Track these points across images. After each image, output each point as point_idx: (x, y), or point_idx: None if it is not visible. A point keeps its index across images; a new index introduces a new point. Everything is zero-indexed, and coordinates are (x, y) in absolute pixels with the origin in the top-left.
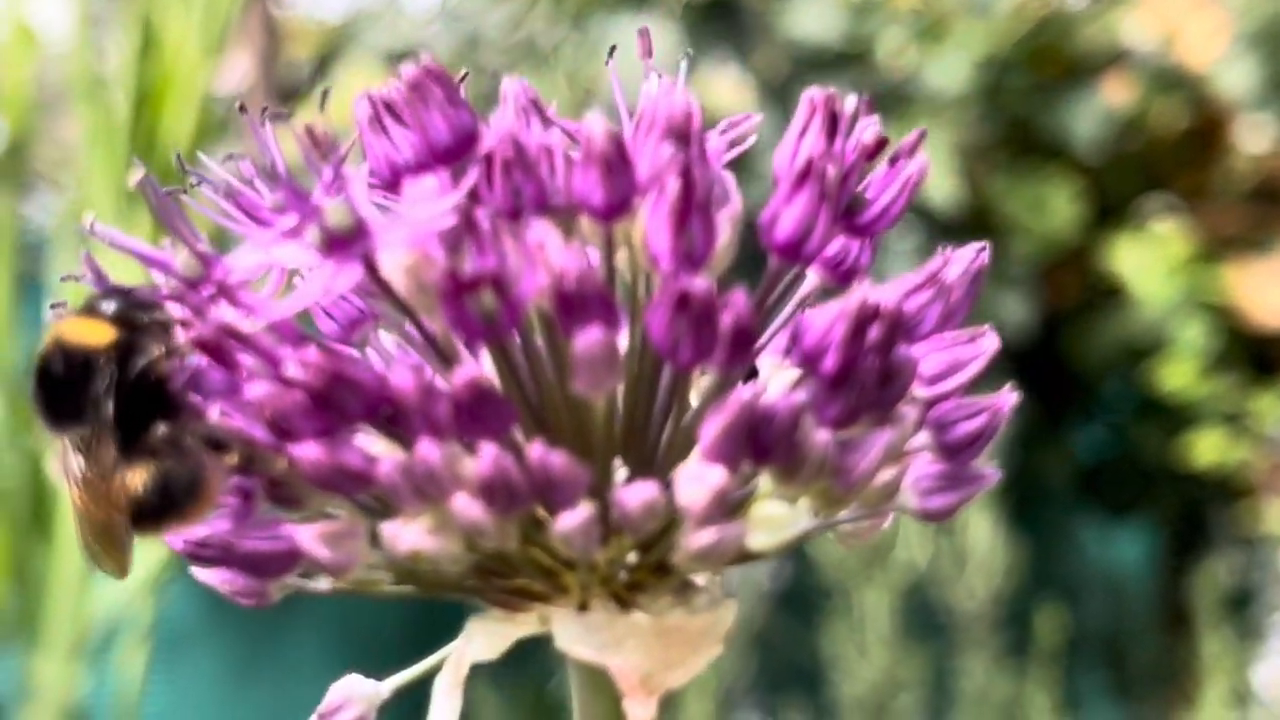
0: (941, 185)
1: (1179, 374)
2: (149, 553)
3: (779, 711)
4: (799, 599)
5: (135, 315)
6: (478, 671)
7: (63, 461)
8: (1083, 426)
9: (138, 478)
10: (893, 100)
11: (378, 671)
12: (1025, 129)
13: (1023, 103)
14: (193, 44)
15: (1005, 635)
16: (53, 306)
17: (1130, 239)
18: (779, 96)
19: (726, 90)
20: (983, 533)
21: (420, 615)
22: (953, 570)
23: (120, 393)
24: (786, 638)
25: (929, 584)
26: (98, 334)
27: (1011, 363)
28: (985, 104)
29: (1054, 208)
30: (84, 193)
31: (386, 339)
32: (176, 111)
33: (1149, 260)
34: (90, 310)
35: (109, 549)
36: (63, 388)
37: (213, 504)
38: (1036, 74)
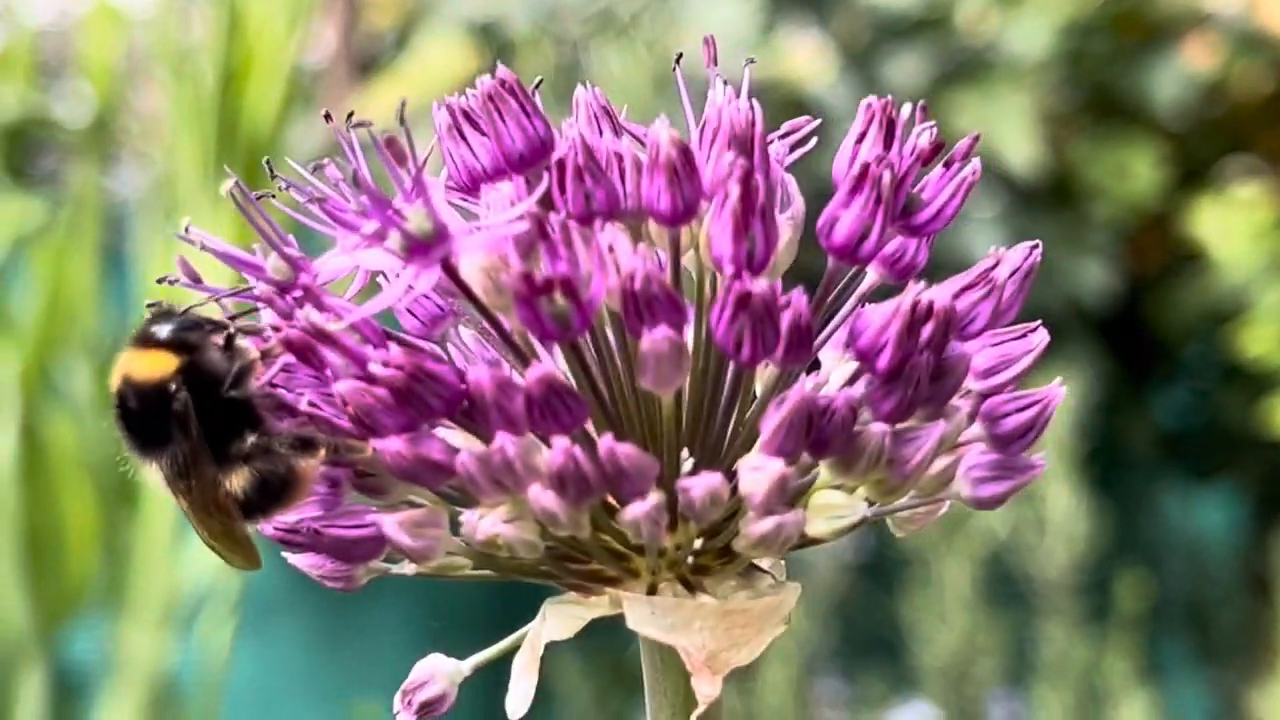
0: (1023, 152)
1: (1261, 339)
2: None
3: (859, 679)
4: (880, 569)
5: (189, 336)
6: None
7: (167, 483)
8: (1165, 392)
9: (237, 483)
10: (973, 67)
11: (459, 641)
12: (1107, 94)
13: (1104, 67)
14: (277, 19)
15: (1086, 602)
16: (148, 306)
17: (1213, 204)
18: (859, 64)
19: (806, 58)
20: (1063, 500)
21: (502, 588)
22: (1033, 538)
23: (200, 412)
24: (867, 607)
25: (1009, 552)
26: (161, 364)
27: (1094, 329)
28: (1066, 69)
29: (1136, 173)
30: (170, 168)
31: (466, 334)
32: (262, 86)
33: (1231, 225)
34: (146, 340)
35: (233, 548)
36: (143, 420)
37: (308, 490)
38: (1118, 38)
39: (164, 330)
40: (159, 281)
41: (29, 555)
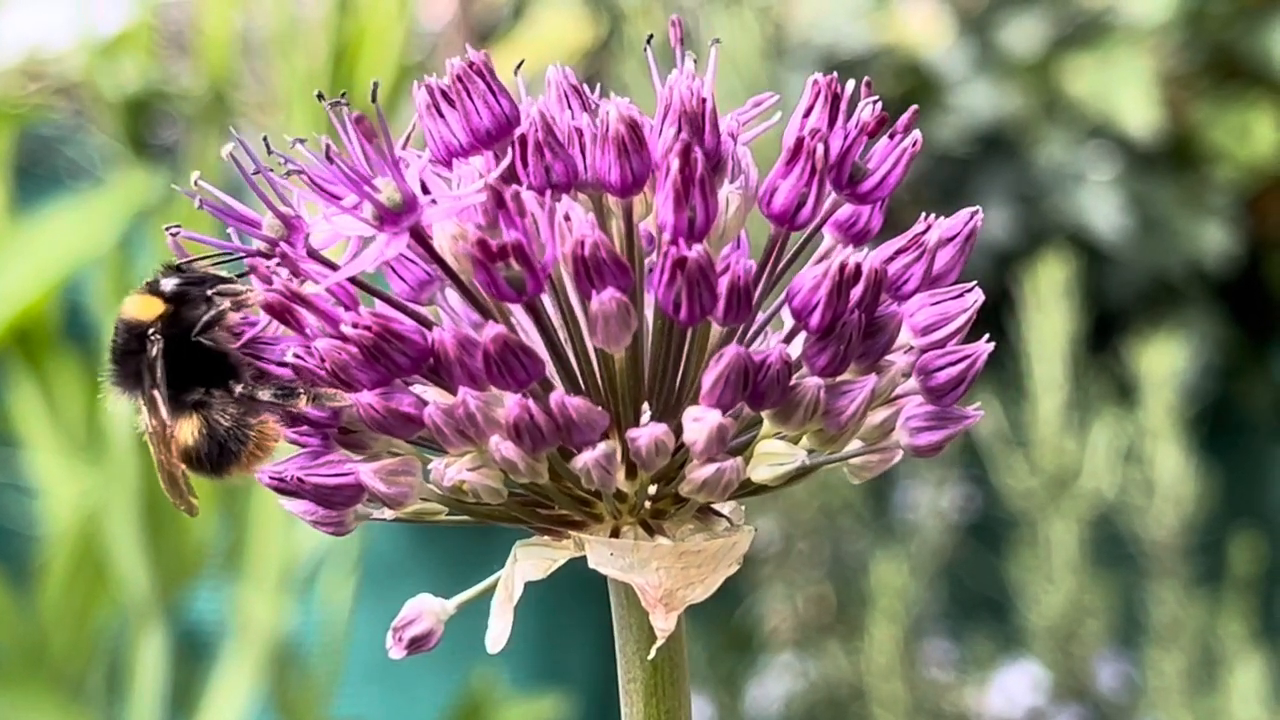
0: (1141, 115)
1: None
2: None
3: (967, 640)
4: (986, 529)
5: (188, 290)
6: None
7: (141, 418)
8: None
9: (187, 430)
10: (1091, 30)
11: (575, 603)
12: (1227, 56)
13: (1224, 29)
14: None
15: (1198, 564)
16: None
17: None
18: (976, 28)
19: (922, 23)
20: (1171, 462)
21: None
22: (1141, 499)
23: (169, 358)
24: (974, 568)
25: (1117, 513)
26: (150, 308)
27: (1213, 293)
28: (1186, 31)
29: (1257, 135)
30: (283, 143)
31: (454, 298)
32: (373, 62)
33: None
34: (150, 287)
35: (174, 491)
36: (123, 355)
37: (268, 451)
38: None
39: (166, 281)
40: (166, 229)
41: (149, 520)
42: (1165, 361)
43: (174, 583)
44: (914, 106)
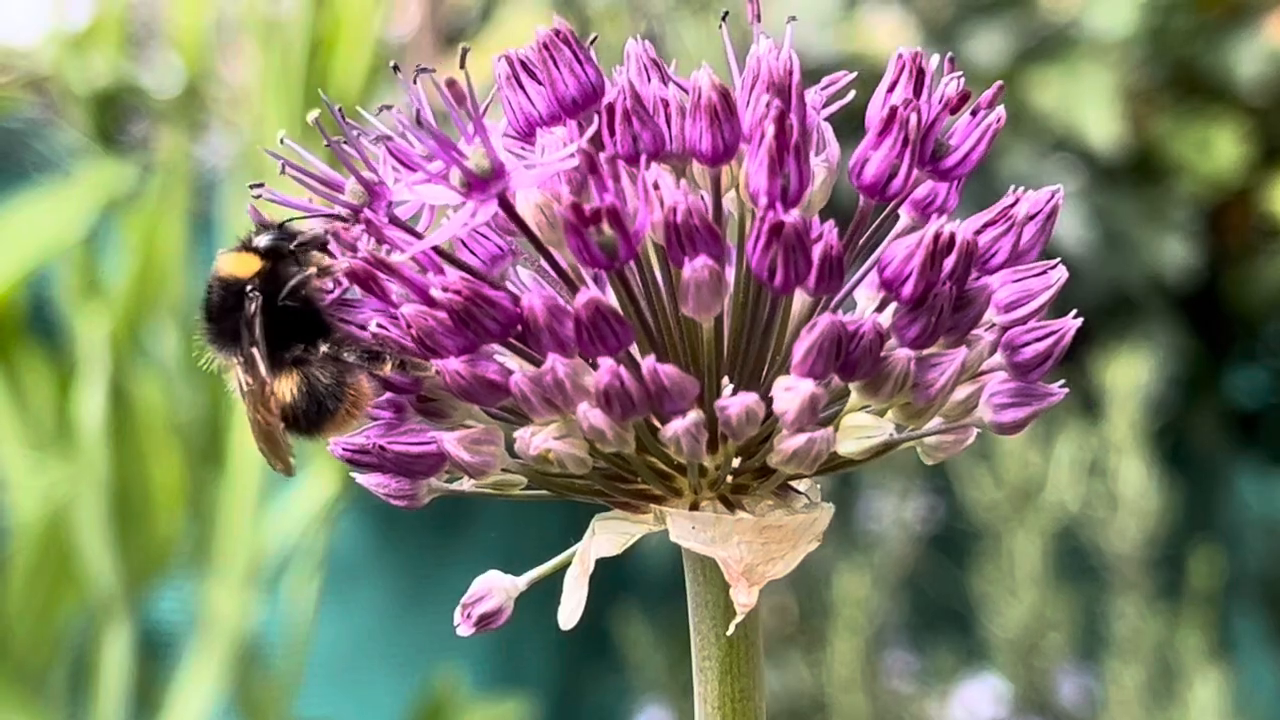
0: (1104, 129)
1: None
2: (321, 484)
3: (929, 652)
4: (949, 541)
5: (283, 246)
6: None
7: (235, 378)
8: (1244, 370)
9: (286, 387)
10: (1055, 44)
11: (536, 605)
12: (1189, 71)
13: (1187, 44)
14: None
15: (1159, 578)
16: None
17: None
18: (940, 40)
19: (888, 33)
20: (1134, 476)
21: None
22: (1104, 512)
23: (266, 315)
24: (937, 579)
25: (1080, 526)
26: (247, 265)
27: (1174, 306)
28: (1149, 46)
29: (1218, 150)
30: (258, 136)
31: (524, 274)
32: (349, 55)
33: None
34: (244, 245)
35: (274, 451)
36: (220, 313)
37: (362, 409)
38: (1201, 15)
39: (260, 238)
40: (251, 187)
41: (117, 515)
42: (1129, 375)
43: (141, 578)
44: (1000, 81)
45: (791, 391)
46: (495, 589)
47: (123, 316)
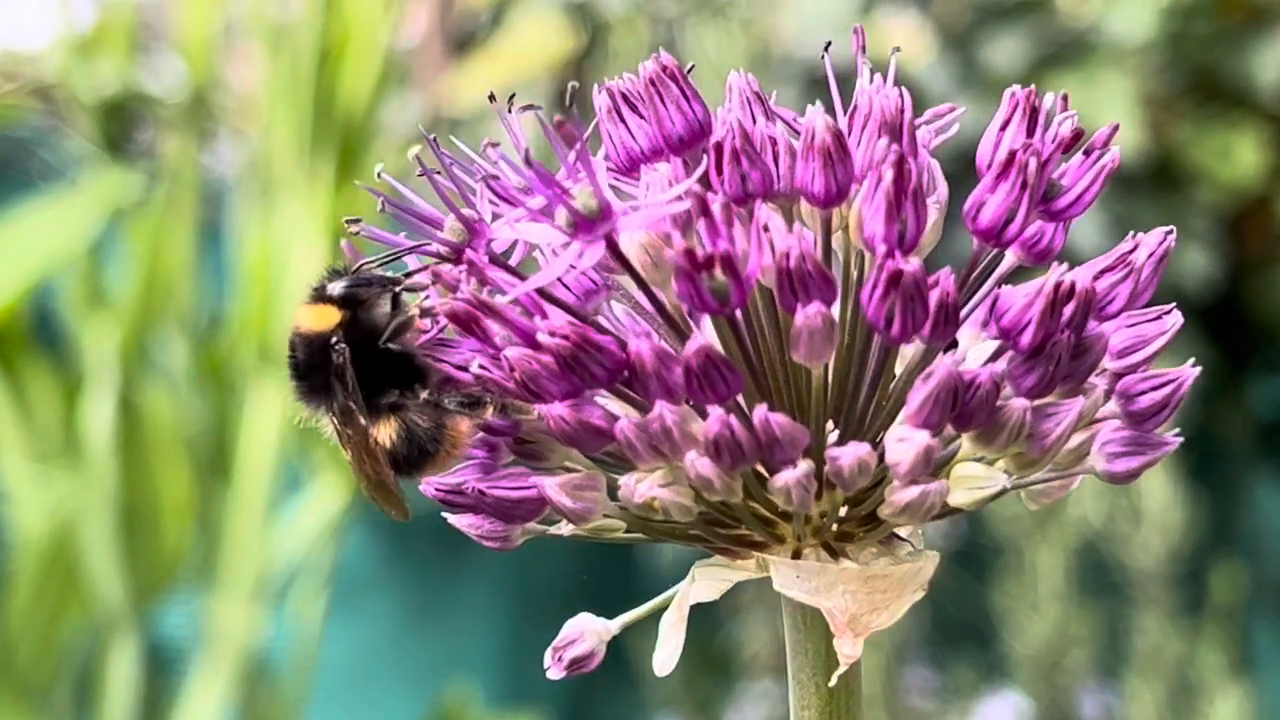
0: (1123, 136)
1: None
2: (329, 498)
3: (950, 668)
4: (971, 556)
5: (357, 293)
6: None
7: (334, 432)
8: (1265, 381)
9: (385, 433)
10: (1074, 49)
11: (546, 619)
12: (1209, 77)
13: (1207, 50)
14: None
15: (1181, 593)
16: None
17: None
18: (958, 45)
19: (905, 38)
20: (1158, 489)
21: (587, 569)
22: (1127, 527)
23: (356, 364)
24: (959, 595)
25: (1103, 541)
26: (326, 318)
27: (1193, 316)
28: (1168, 52)
29: (1239, 157)
30: (266, 144)
31: (618, 309)
32: (357, 63)
33: None
34: (319, 295)
35: (385, 497)
36: (308, 370)
37: (461, 449)
38: (1221, 21)
39: (335, 286)
40: (346, 223)
41: (125, 528)
42: None
43: (148, 592)
44: (1115, 123)
45: (906, 443)
46: (587, 632)
47: (129, 327)
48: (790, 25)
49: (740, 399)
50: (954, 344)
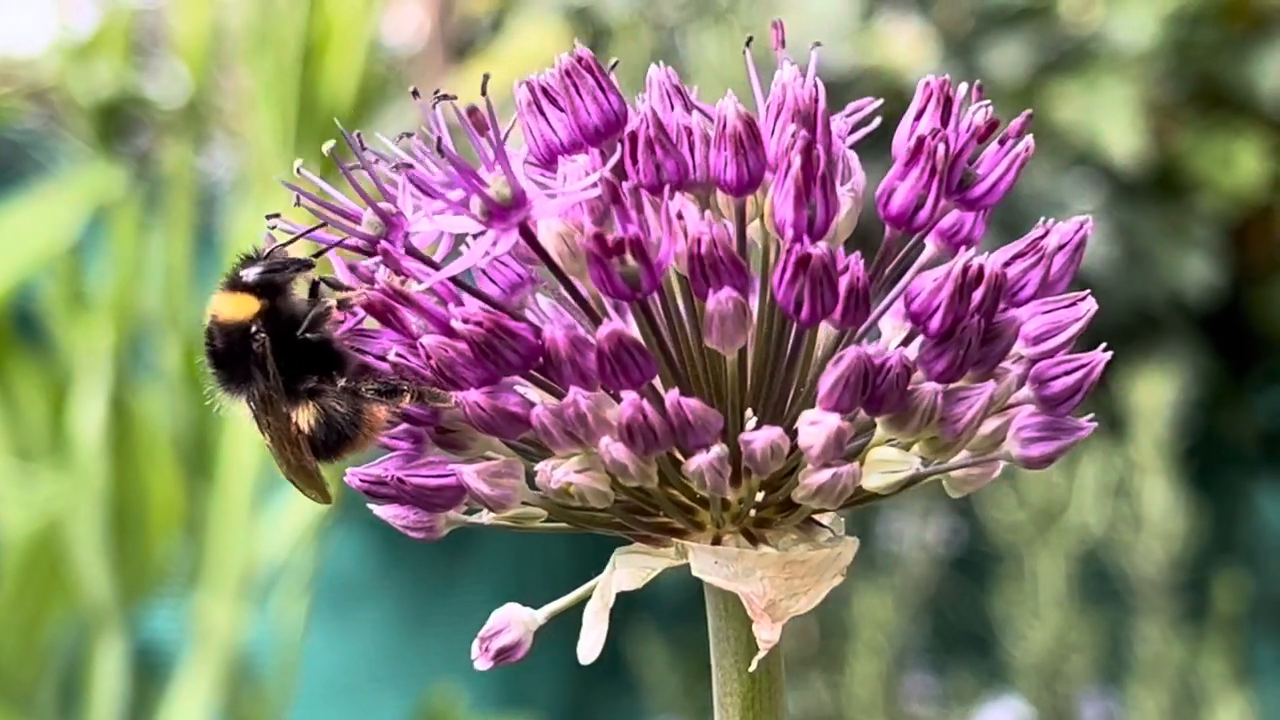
0: (1126, 143)
1: None
2: (309, 502)
3: (950, 674)
4: (972, 563)
5: (274, 278)
6: None
7: (253, 418)
8: (1267, 390)
9: (304, 418)
10: (1076, 57)
11: (552, 622)
12: (1212, 85)
13: (1210, 58)
14: None
15: (1182, 601)
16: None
17: None
18: (960, 53)
19: (906, 45)
20: (1159, 497)
21: (583, 571)
22: (1129, 535)
23: (275, 351)
24: (959, 602)
25: (1104, 548)
26: (245, 306)
27: (1195, 324)
28: (1171, 60)
29: (1241, 165)
30: (255, 147)
31: (544, 301)
32: (340, 58)
33: None
34: (234, 284)
35: (306, 481)
36: (227, 358)
37: (379, 431)
38: (1224, 28)
39: (250, 273)
40: (267, 218)
41: (114, 528)
42: (1154, 396)
43: (135, 593)
44: (1028, 110)
45: (817, 426)
46: (514, 622)
47: (114, 326)
48: (791, 32)
49: (660, 387)
50: (878, 335)
